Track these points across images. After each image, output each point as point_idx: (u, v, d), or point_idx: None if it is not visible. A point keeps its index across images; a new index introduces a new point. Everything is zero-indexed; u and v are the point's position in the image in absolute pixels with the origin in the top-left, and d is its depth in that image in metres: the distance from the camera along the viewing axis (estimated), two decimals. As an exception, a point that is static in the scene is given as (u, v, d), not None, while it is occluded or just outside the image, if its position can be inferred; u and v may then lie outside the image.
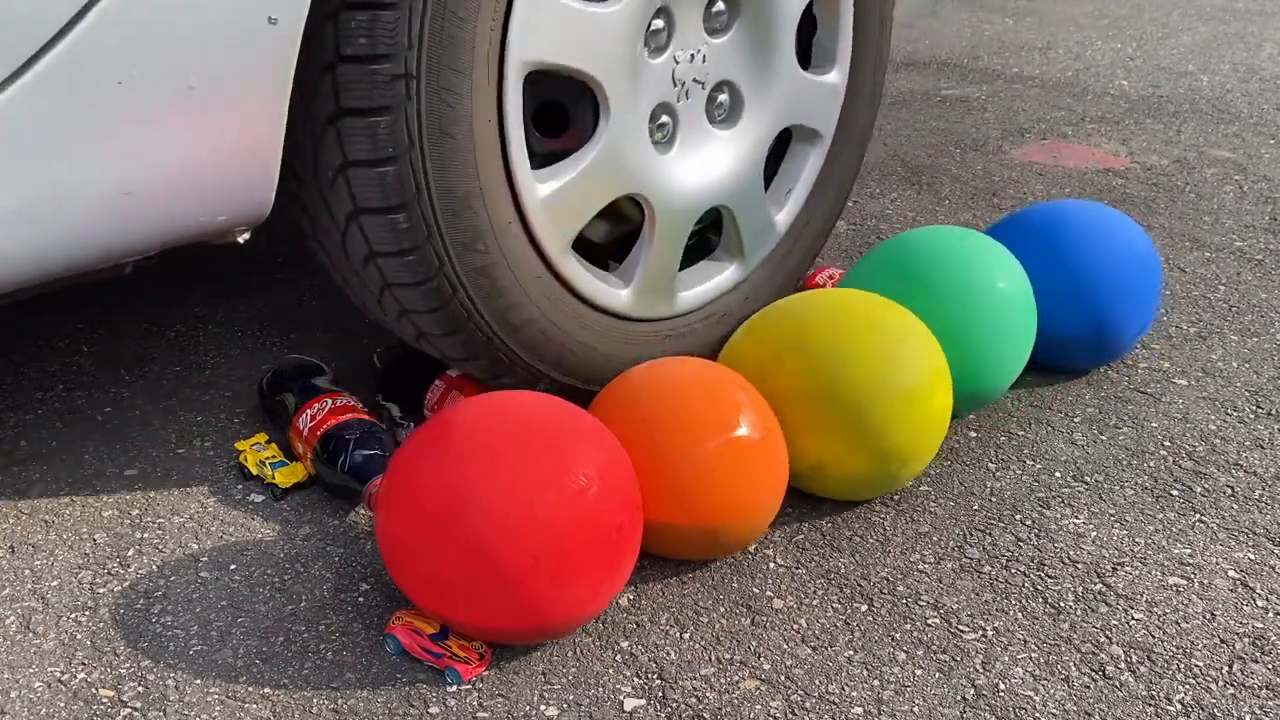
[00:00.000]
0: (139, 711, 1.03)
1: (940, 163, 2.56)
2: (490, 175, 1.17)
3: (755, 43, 1.40)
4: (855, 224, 2.20)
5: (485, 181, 1.16)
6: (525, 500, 1.00)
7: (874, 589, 1.20)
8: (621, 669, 1.09)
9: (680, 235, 1.39)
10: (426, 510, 1.02)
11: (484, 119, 1.14)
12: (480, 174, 1.16)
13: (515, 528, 1.00)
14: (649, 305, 1.40)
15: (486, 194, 1.17)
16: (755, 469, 1.17)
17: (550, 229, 1.24)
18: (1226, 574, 1.24)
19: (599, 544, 1.04)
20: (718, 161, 1.42)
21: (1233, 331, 1.78)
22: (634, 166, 1.31)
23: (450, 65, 1.09)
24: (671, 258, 1.40)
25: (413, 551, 1.04)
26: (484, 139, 1.15)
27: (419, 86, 1.08)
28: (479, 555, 1.00)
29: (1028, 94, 3.12)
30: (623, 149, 1.28)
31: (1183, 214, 2.26)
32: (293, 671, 1.08)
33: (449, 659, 1.06)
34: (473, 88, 1.12)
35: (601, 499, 1.04)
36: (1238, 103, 3.05)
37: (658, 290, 1.40)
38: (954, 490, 1.37)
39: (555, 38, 1.17)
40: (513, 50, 1.14)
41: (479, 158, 1.15)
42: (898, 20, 4.01)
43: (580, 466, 1.04)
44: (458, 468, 1.02)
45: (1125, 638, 1.14)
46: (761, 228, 1.51)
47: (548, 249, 1.25)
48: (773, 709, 1.05)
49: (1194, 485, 1.39)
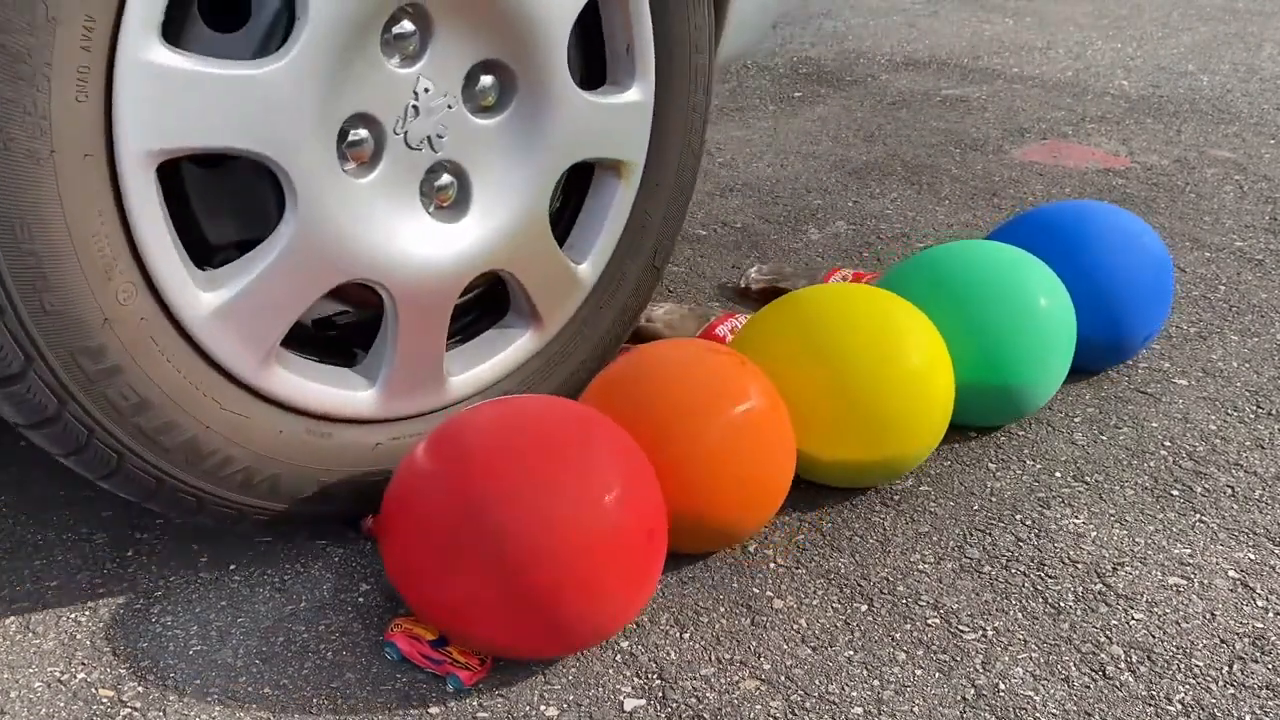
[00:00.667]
0: (139, 711, 1.02)
1: (940, 163, 2.56)
2: (113, 288, 0.96)
3: (518, 65, 1.17)
4: (855, 224, 2.20)
5: (105, 295, 0.96)
6: (552, 517, 0.97)
7: (874, 589, 1.20)
8: (621, 669, 1.09)
9: (439, 316, 1.18)
10: (444, 531, 0.99)
11: (92, 218, 0.94)
12: (95, 288, 0.95)
13: (543, 548, 0.97)
14: (404, 403, 1.19)
15: (110, 313, 0.96)
16: (763, 450, 1.16)
17: (232, 342, 1.04)
18: (1227, 574, 1.24)
19: (630, 554, 1.01)
20: (484, 220, 1.20)
21: (1233, 331, 1.78)
22: (351, 250, 1.09)
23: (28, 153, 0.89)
24: (429, 344, 1.19)
25: (429, 575, 1.00)
26: (91, 246, 0.94)
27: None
28: (504, 578, 0.97)
29: (1028, 94, 3.11)
30: (327, 233, 1.06)
31: (1183, 214, 2.26)
32: (292, 671, 1.08)
33: (450, 665, 1.06)
34: (60, 185, 0.91)
35: (630, 505, 1.01)
36: (1238, 102, 3.04)
37: (416, 382, 1.18)
38: (954, 490, 1.37)
39: (190, 115, 0.95)
40: (126, 135, 0.93)
41: (87, 270, 0.94)
42: (898, 20, 4.01)
43: (605, 476, 1.01)
44: (476, 483, 0.99)
45: (1125, 638, 1.14)
46: (559, 285, 1.29)
47: (232, 366, 1.06)
48: (773, 709, 1.04)
49: (1194, 485, 1.39)
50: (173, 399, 1.03)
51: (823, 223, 2.20)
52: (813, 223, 2.20)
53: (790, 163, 2.55)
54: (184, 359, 1.03)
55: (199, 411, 1.05)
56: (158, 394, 1.02)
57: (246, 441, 1.09)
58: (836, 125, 2.83)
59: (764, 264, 1.95)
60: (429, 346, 1.19)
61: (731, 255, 2.04)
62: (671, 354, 1.20)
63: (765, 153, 2.62)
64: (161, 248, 0.98)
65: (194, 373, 1.04)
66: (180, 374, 1.03)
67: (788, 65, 3.41)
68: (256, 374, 1.08)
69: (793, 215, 2.23)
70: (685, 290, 1.89)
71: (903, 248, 2.09)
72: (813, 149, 2.65)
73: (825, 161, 2.56)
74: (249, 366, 1.07)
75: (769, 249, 2.07)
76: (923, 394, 1.26)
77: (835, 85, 3.20)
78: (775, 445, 1.18)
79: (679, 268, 1.98)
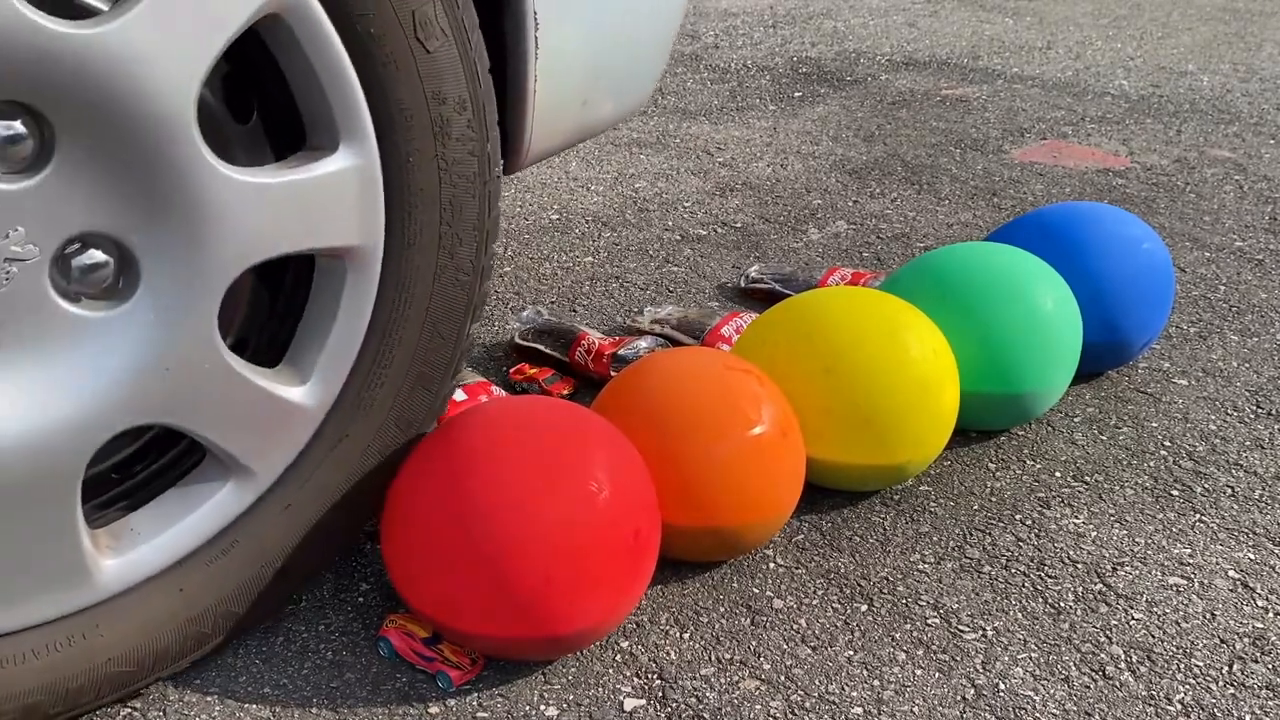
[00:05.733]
0: (139, 711, 1.02)
1: (940, 162, 2.56)
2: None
3: (116, 158, 0.83)
4: (855, 224, 2.20)
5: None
6: (534, 512, 0.98)
7: (874, 589, 1.20)
8: (621, 669, 1.09)
9: (59, 497, 0.89)
10: (435, 530, 1.00)
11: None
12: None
13: (526, 542, 0.97)
14: (36, 608, 0.92)
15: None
16: (775, 467, 1.16)
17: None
18: (1227, 574, 1.24)
19: (616, 552, 1.02)
20: (104, 362, 0.88)
21: (1233, 331, 1.78)
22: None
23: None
24: (52, 530, 0.89)
25: (424, 572, 1.01)
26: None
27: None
28: (490, 572, 0.98)
29: (1028, 94, 3.11)
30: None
31: (1183, 214, 2.26)
32: (292, 671, 1.08)
33: (440, 663, 1.06)
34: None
35: (616, 504, 1.01)
36: (1238, 102, 3.04)
37: (32, 582, 0.90)
38: (954, 490, 1.37)
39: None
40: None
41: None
42: (898, 20, 4.01)
43: (591, 471, 1.01)
44: (463, 482, 1.00)
45: (1125, 638, 1.14)
46: (264, 424, 0.97)
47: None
48: (773, 709, 1.04)
49: (1194, 485, 1.39)
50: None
51: (823, 223, 2.20)
52: (813, 223, 2.20)
53: (790, 163, 2.55)
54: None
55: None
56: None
57: (165, 623, 0.99)
58: (836, 125, 2.83)
59: (764, 263, 1.95)
60: (51, 534, 0.90)
61: (731, 255, 2.04)
62: (687, 368, 1.19)
63: (765, 153, 2.62)
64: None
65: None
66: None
67: (788, 65, 3.41)
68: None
69: (793, 215, 2.23)
70: (685, 290, 1.89)
71: (903, 248, 2.09)
72: (813, 149, 2.65)
73: (825, 161, 2.56)
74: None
75: (769, 249, 2.07)
76: (929, 400, 1.26)
77: (835, 85, 3.20)
78: (786, 467, 1.18)
79: (679, 268, 1.98)
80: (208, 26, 0.83)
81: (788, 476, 1.18)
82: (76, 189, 0.83)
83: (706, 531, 1.14)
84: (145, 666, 1.01)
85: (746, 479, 1.14)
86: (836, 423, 1.25)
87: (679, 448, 1.13)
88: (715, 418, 1.14)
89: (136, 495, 1.01)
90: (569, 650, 1.05)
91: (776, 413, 1.17)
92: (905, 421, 1.25)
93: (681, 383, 1.17)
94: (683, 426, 1.14)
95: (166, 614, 1.00)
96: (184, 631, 1.01)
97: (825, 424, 1.25)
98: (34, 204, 0.81)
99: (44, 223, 0.82)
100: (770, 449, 1.15)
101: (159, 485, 1.01)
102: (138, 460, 1.03)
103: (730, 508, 1.14)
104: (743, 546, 1.19)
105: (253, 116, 0.96)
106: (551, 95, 1.15)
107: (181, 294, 0.89)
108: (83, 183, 0.83)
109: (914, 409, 1.25)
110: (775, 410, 1.17)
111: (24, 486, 0.87)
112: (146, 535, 0.97)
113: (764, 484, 1.15)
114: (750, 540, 1.18)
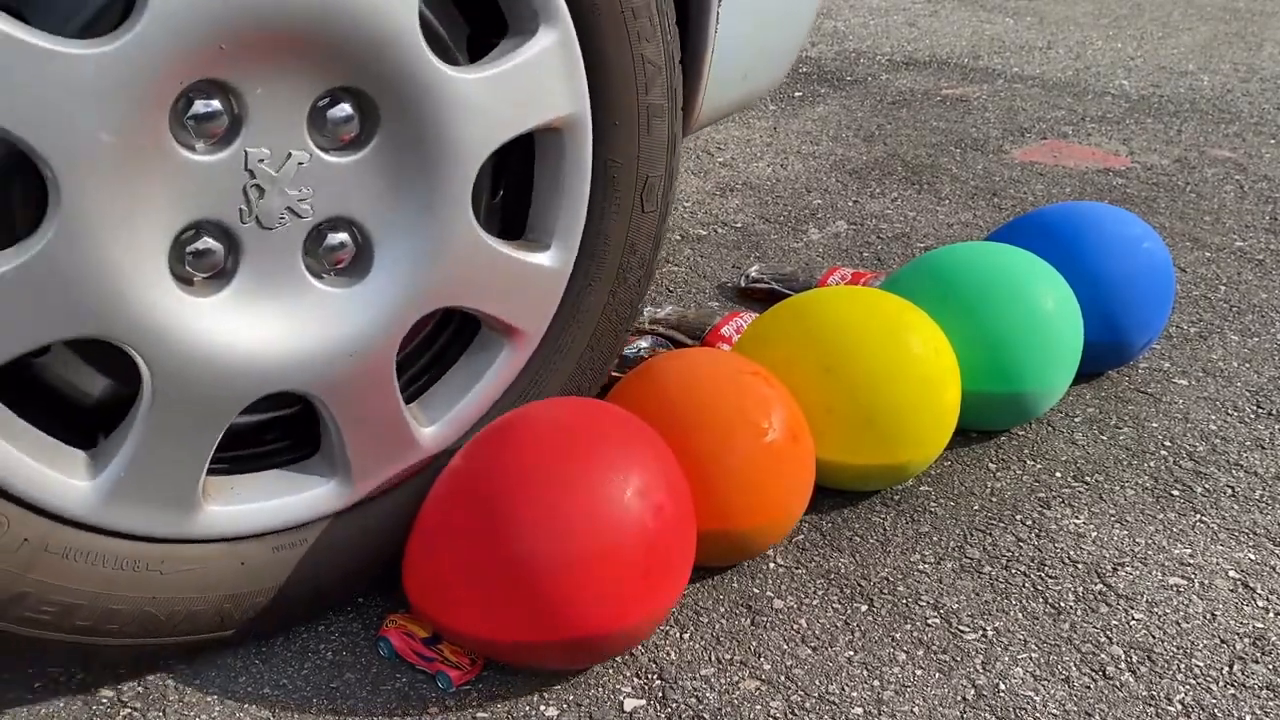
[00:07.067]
0: (139, 711, 1.02)
1: (940, 162, 2.56)
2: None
3: (403, 175, 0.99)
4: (855, 224, 2.20)
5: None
6: (558, 520, 0.97)
7: (874, 589, 1.20)
8: (621, 669, 1.09)
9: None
10: (460, 534, 1.00)
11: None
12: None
13: (551, 552, 0.97)
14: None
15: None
16: (787, 472, 1.16)
17: (142, 510, 0.95)
18: (1227, 574, 1.24)
19: (636, 537, 0.99)
20: (308, 328, 0.99)
21: (1233, 331, 1.78)
22: (237, 372, 0.95)
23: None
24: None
25: (449, 578, 1.01)
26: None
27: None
28: (513, 578, 0.97)
29: (1028, 94, 3.11)
30: (199, 371, 0.93)
31: (1183, 214, 2.26)
32: (292, 671, 1.08)
33: (440, 664, 1.06)
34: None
35: (633, 484, 1.00)
36: (1238, 102, 3.04)
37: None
38: (954, 490, 1.37)
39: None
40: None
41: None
42: (898, 20, 4.01)
43: (628, 483, 1.01)
44: (484, 485, 1.00)
45: (1125, 638, 1.14)
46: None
47: (155, 532, 0.97)
48: (773, 709, 1.04)
49: (1194, 485, 1.39)
50: (101, 590, 0.95)
51: (823, 223, 2.20)
52: (813, 223, 2.20)
53: (790, 163, 2.55)
54: (96, 548, 0.95)
55: (139, 587, 0.98)
56: (82, 594, 0.95)
57: (208, 589, 1.02)
58: (836, 125, 2.83)
59: (764, 263, 1.95)
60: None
61: (731, 255, 2.04)
62: (698, 369, 1.19)
63: (765, 153, 2.62)
64: (14, 468, 0.89)
65: (114, 556, 0.96)
66: (98, 565, 0.95)
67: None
68: (187, 525, 0.98)
69: (793, 215, 2.23)
70: (685, 290, 1.89)
71: (903, 248, 2.09)
72: (813, 149, 2.65)
73: (825, 161, 2.56)
74: (173, 525, 0.97)
75: (769, 249, 2.07)
76: (931, 399, 1.26)
77: (835, 85, 3.20)
78: (797, 473, 1.17)
79: (679, 268, 1.98)
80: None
81: (800, 480, 1.18)
82: (367, 180, 0.98)
83: (718, 535, 1.14)
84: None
85: (761, 482, 1.13)
86: (838, 422, 1.25)
87: (691, 450, 1.13)
88: (728, 421, 1.14)
89: (431, 373, 1.15)
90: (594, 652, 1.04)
91: (789, 416, 1.17)
92: (907, 421, 1.25)
93: (695, 385, 1.16)
94: (695, 430, 1.13)
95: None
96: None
97: (827, 423, 1.25)
98: (330, 175, 0.95)
99: (327, 189, 0.96)
100: (783, 453, 1.15)
101: (449, 360, 1.15)
102: (425, 349, 1.17)
103: (743, 510, 1.14)
104: (751, 550, 1.18)
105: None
106: (721, 68, 1.30)
107: (393, 304, 1.02)
108: (375, 176, 0.98)
109: (916, 408, 1.25)
110: (787, 414, 1.17)
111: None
112: (444, 407, 1.12)
113: (778, 487, 1.15)
114: (761, 544, 1.18)
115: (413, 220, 1.01)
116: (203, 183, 0.89)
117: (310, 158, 0.94)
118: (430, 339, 1.16)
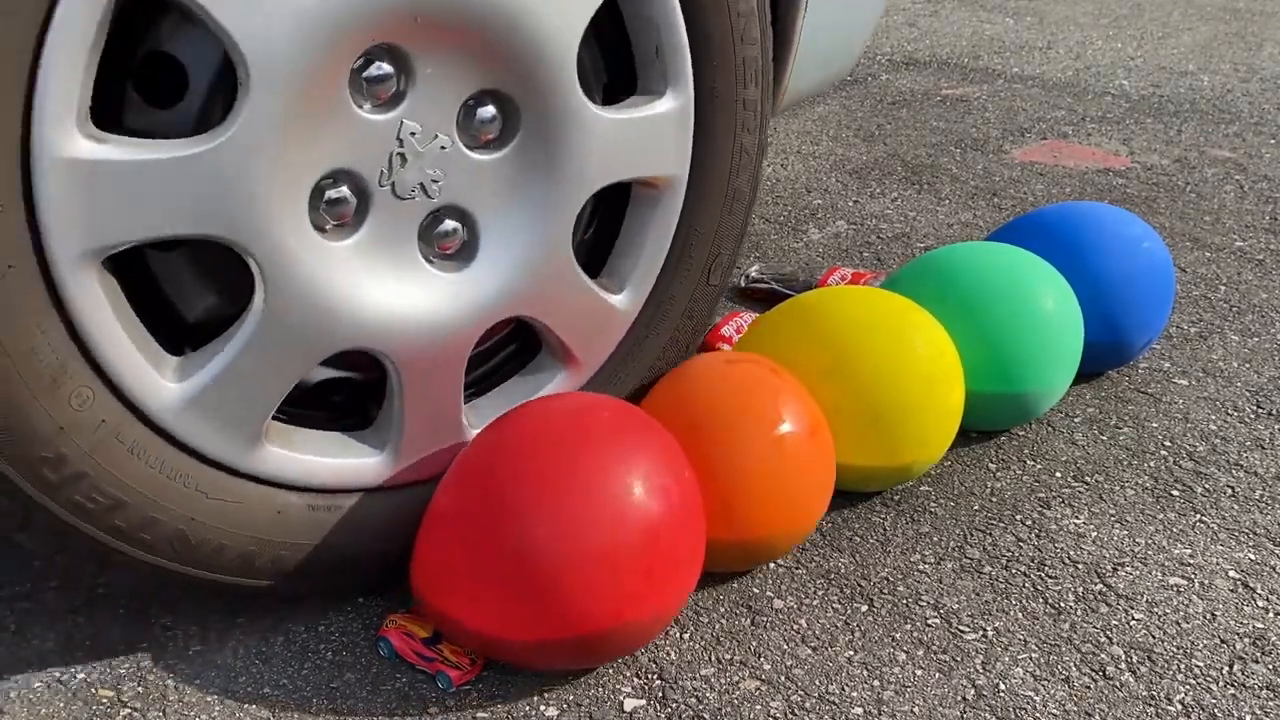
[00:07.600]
0: (138, 711, 1.02)
1: (940, 162, 2.56)
2: (63, 395, 0.91)
3: (525, 185, 1.08)
4: (855, 224, 2.20)
5: (55, 404, 0.91)
6: (564, 517, 0.97)
7: (874, 589, 1.20)
8: (621, 669, 1.09)
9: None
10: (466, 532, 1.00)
11: (29, 331, 0.88)
12: (41, 398, 0.90)
13: (558, 549, 0.97)
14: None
15: (64, 421, 0.91)
16: (806, 474, 1.15)
17: (212, 429, 0.99)
18: (1227, 574, 1.24)
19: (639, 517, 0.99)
20: (495, 265, 1.09)
21: (1233, 331, 1.78)
22: (339, 319, 1.01)
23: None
24: (443, 401, 1.10)
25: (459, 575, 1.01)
26: (32, 358, 0.89)
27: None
28: (522, 579, 0.97)
29: (1028, 94, 3.11)
30: (306, 306, 0.99)
31: (1183, 214, 2.26)
32: (292, 671, 1.08)
33: (440, 664, 1.06)
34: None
35: (684, 508, 1.01)
36: (1238, 102, 3.04)
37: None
38: (954, 490, 1.37)
39: (126, 209, 0.88)
40: (55, 241, 0.87)
41: (30, 382, 0.89)
42: (898, 20, 4.01)
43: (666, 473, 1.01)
44: (494, 484, 1.00)
45: (1126, 638, 1.14)
46: (592, 323, 1.17)
47: (215, 453, 1.01)
48: (773, 709, 1.04)
49: (1194, 485, 1.39)
50: (150, 496, 0.98)
51: (823, 223, 2.20)
52: (813, 223, 2.20)
53: (790, 163, 2.55)
54: (159, 453, 0.98)
55: (182, 504, 1.00)
56: (133, 492, 0.97)
57: (240, 527, 1.04)
58: (836, 125, 2.83)
59: (764, 263, 1.95)
60: (440, 406, 1.10)
61: (731, 255, 2.04)
62: (719, 370, 1.18)
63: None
64: (116, 348, 0.93)
65: (172, 466, 0.99)
66: (156, 469, 0.98)
67: (788, 65, 3.41)
68: (244, 457, 1.02)
69: (793, 215, 2.23)
70: (685, 290, 1.89)
71: (903, 248, 2.09)
72: (813, 149, 2.65)
73: (825, 161, 2.56)
74: (234, 452, 1.01)
75: (769, 249, 2.07)
76: (936, 399, 1.26)
77: (835, 85, 3.20)
78: (818, 474, 1.17)
79: (679, 268, 1.98)
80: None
81: (818, 486, 1.17)
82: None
83: (734, 544, 1.14)
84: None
85: (778, 489, 1.13)
86: (843, 422, 1.25)
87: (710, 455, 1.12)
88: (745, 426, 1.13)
89: (484, 383, 1.20)
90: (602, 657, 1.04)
91: (810, 420, 1.16)
92: (913, 421, 1.25)
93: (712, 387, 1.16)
94: (713, 432, 1.13)
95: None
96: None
97: (831, 424, 1.25)
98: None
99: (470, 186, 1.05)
100: (803, 458, 1.14)
101: (505, 374, 1.21)
102: (490, 358, 1.23)
103: (760, 519, 1.13)
104: (764, 557, 1.18)
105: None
106: (804, 56, 1.39)
107: (550, 213, 1.09)
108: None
109: (922, 409, 1.25)
110: (809, 418, 1.16)
111: (453, 356, 1.08)
112: (491, 417, 1.16)
113: (796, 494, 1.14)
114: (776, 550, 1.17)
115: (521, 228, 1.09)
116: (359, 137, 0.97)
117: (452, 145, 1.02)
118: (490, 353, 1.21)
